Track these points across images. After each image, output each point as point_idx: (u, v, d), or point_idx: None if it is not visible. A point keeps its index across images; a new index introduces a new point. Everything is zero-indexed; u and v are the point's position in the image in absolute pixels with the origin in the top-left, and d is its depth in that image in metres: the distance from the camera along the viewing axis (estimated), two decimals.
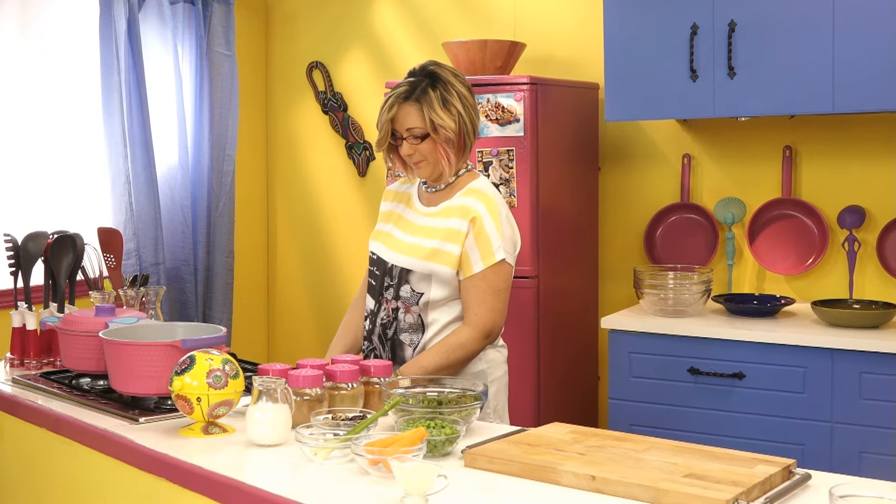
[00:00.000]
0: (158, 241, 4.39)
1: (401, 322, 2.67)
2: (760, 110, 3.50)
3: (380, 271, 2.72)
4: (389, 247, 2.72)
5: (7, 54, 4.06)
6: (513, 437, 2.13)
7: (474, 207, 2.61)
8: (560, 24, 4.29)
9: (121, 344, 2.37)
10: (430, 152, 2.63)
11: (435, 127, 2.59)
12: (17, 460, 2.72)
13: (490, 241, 2.60)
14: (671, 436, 3.09)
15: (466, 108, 2.64)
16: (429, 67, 2.68)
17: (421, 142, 2.62)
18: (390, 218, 2.81)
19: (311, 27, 5.02)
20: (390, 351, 2.70)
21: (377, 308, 2.72)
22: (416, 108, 2.60)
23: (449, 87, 2.63)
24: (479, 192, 2.66)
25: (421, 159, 2.64)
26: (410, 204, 2.78)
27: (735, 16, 3.46)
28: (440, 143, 2.61)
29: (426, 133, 2.61)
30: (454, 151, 2.64)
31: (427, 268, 2.62)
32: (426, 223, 2.69)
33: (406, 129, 2.63)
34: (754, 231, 3.87)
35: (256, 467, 2.05)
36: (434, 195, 2.73)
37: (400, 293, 2.66)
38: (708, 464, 1.93)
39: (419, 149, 2.62)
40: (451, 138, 2.61)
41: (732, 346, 3.37)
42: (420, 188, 2.79)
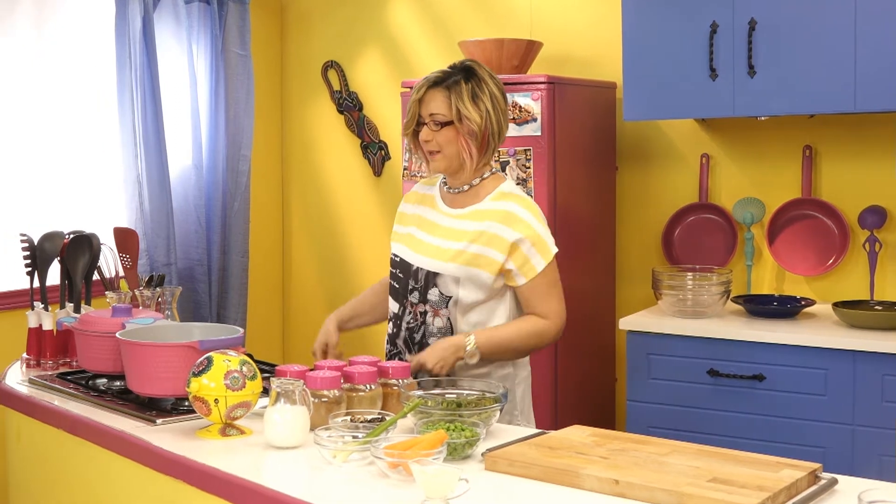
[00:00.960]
0: (170, 242, 4.38)
1: (429, 326, 2.62)
2: (781, 109, 3.46)
3: (403, 274, 2.68)
4: (414, 249, 2.68)
5: (22, 53, 4.06)
6: (533, 440, 2.11)
7: (522, 216, 2.58)
8: (577, 23, 4.26)
9: (138, 345, 2.36)
10: (448, 143, 2.58)
11: (460, 116, 2.55)
12: (33, 461, 2.71)
13: (544, 240, 2.61)
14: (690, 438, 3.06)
15: (496, 108, 2.60)
16: (467, 63, 2.65)
17: (441, 129, 2.57)
18: (413, 220, 2.75)
19: (326, 26, 5.00)
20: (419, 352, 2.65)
21: (401, 311, 2.68)
22: (444, 95, 2.57)
23: (482, 83, 2.60)
24: (517, 196, 2.63)
25: (437, 149, 2.59)
26: (433, 205, 2.73)
27: (755, 14, 3.42)
28: (463, 135, 2.56)
29: (449, 121, 2.56)
30: (476, 146, 2.59)
31: (458, 271, 2.57)
32: (453, 225, 2.64)
33: (429, 114, 2.59)
34: (774, 231, 3.84)
35: (274, 470, 2.03)
36: (457, 196, 2.68)
37: (428, 296, 2.61)
38: (732, 468, 1.90)
39: (437, 137, 2.58)
40: (475, 131, 2.57)
41: (752, 348, 3.33)
42: (441, 189, 2.74)
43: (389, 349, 2.74)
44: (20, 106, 4.06)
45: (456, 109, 2.55)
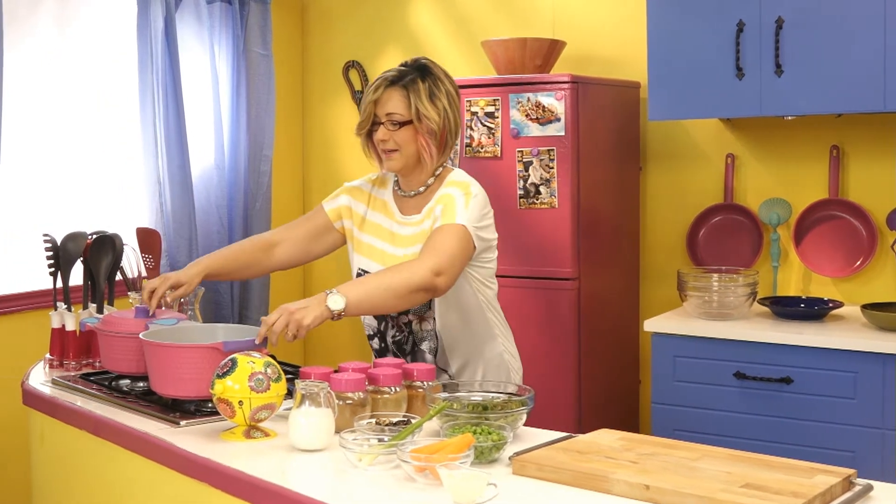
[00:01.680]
0: (192, 242, 4.37)
1: (417, 333, 2.64)
2: (809, 109, 3.42)
3: None
4: (382, 262, 2.65)
5: (45, 54, 4.05)
6: (561, 443, 2.08)
7: (449, 192, 2.57)
8: (600, 22, 4.23)
9: (161, 346, 2.34)
10: (407, 142, 2.56)
11: (419, 116, 2.53)
12: (56, 462, 2.70)
13: (455, 209, 2.52)
14: (716, 441, 3.04)
15: (452, 107, 2.59)
16: (421, 61, 2.64)
17: (399, 129, 2.55)
18: (371, 228, 2.72)
19: (347, 26, 4.99)
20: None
21: (383, 327, 2.67)
22: (402, 94, 2.55)
23: (438, 82, 2.58)
24: (455, 182, 2.60)
25: (394, 148, 2.57)
26: (389, 213, 2.70)
27: (782, 12, 3.38)
28: (422, 134, 2.55)
29: (407, 120, 2.54)
30: (436, 145, 2.58)
31: None
32: (415, 231, 2.63)
33: (386, 114, 2.56)
34: (800, 232, 3.79)
35: (300, 473, 2.01)
36: (413, 200, 2.67)
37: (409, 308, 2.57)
38: (765, 473, 1.87)
39: (395, 136, 2.55)
40: (435, 130, 2.55)
41: (780, 351, 3.29)
42: (396, 195, 2.71)
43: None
44: (42, 106, 4.06)
45: (415, 109, 2.53)
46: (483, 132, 3.82)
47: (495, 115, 3.79)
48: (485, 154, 3.83)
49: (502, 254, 3.79)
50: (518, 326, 3.79)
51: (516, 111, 3.75)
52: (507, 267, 3.82)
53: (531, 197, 3.75)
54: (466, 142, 3.87)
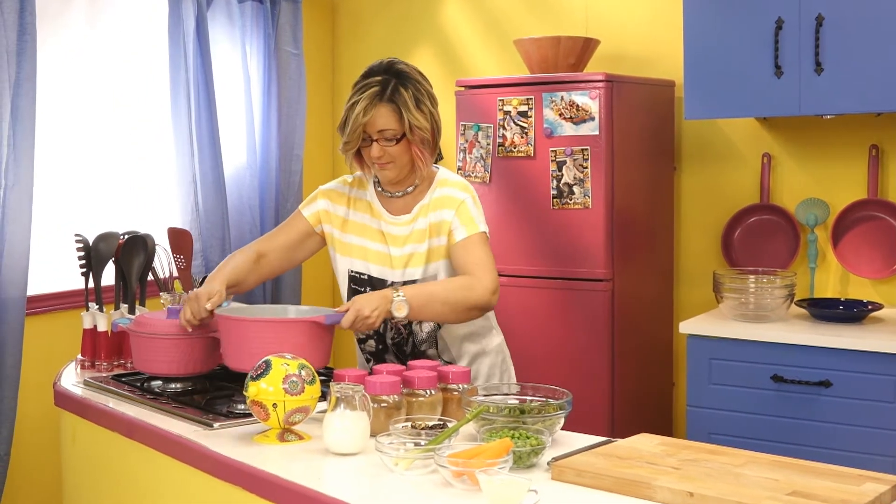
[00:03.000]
0: (225, 242, 4.36)
1: (417, 334, 2.63)
2: (850, 108, 3.36)
3: (375, 290, 2.57)
4: (379, 263, 2.64)
5: (76, 54, 4.05)
6: (600, 448, 2.04)
7: (457, 195, 2.59)
8: (634, 20, 4.18)
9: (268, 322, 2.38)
10: (401, 154, 2.54)
11: (412, 128, 2.50)
12: (88, 464, 2.69)
13: (470, 213, 2.57)
14: (753, 445, 2.99)
15: (434, 106, 2.57)
16: (396, 65, 2.58)
17: (395, 144, 2.52)
18: (356, 229, 2.69)
19: (378, 25, 4.96)
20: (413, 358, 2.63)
21: (382, 329, 2.64)
22: (392, 110, 2.50)
23: (419, 85, 2.54)
24: (452, 182, 2.63)
25: (389, 161, 2.54)
26: (375, 213, 2.68)
27: (822, 10, 3.32)
28: (416, 144, 2.53)
29: (401, 135, 2.51)
30: (429, 151, 2.58)
31: (436, 268, 2.59)
32: (408, 231, 2.62)
33: (378, 131, 2.51)
34: (838, 233, 3.73)
35: (335, 477, 1.98)
36: (401, 200, 2.65)
37: None
38: (811, 480, 1.82)
39: (389, 151, 2.53)
40: (427, 138, 2.54)
41: (818, 353, 3.23)
42: (379, 195, 2.69)
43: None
44: (74, 106, 4.06)
45: (408, 123, 2.50)
46: (516, 131, 3.78)
47: (528, 115, 3.75)
48: (518, 154, 3.79)
49: (535, 254, 3.78)
50: (551, 328, 3.76)
51: (550, 110, 3.70)
52: (539, 268, 3.78)
53: (564, 197, 3.70)
54: (499, 141, 3.83)
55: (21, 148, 3.57)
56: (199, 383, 2.61)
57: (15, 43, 3.55)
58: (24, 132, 3.58)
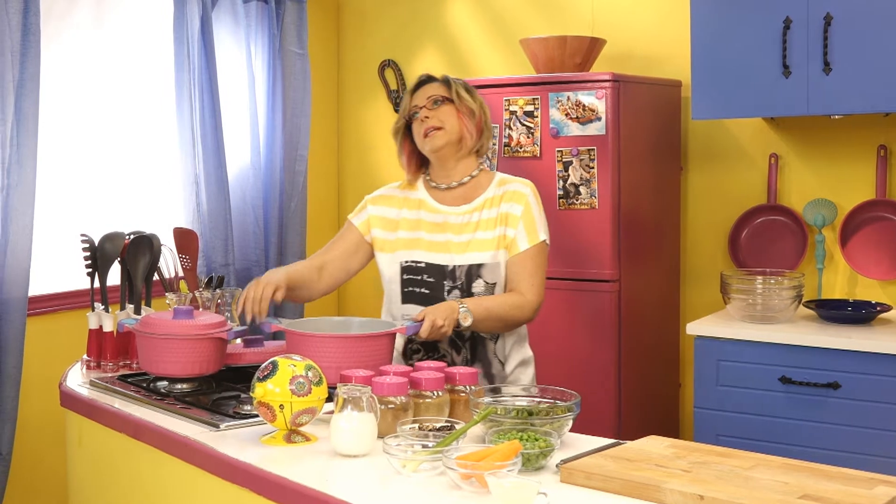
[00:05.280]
0: (228, 242, 4.35)
1: None
2: (858, 108, 3.34)
3: (434, 277, 2.67)
4: (440, 250, 2.69)
5: (81, 55, 4.05)
6: (609, 451, 2.02)
7: (523, 191, 2.68)
8: (640, 20, 4.17)
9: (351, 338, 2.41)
10: (448, 117, 2.66)
11: (459, 96, 2.67)
12: (94, 465, 2.67)
13: (535, 222, 2.66)
14: (761, 447, 2.98)
15: (483, 110, 2.73)
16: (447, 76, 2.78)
17: (439, 106, 2.66)
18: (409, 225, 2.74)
19: (383, 25, 4.95)
20: (470, 351, 2.67)
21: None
22: (441, 83, 2.71)
23: (471, 89, 2.73)
24: (518, 181, 2.73)
25: (439, 125, 2.65)
26: (428, 207, 2.75)
27: (831, 9, 3.30)
28: (464, 115, 2.67)
29: (447, 97, 2.67)
30: (475, 130, 2.69)
31: (501, 256, 2.65)
32: (469, 219, 2.69)
33: (427, 97, 2.68)
34: (846, 234, 3.71)
35: (342, 479, 1.97)
36: (455, 191, 2.73)
37: (472, 290, 2.64)
38: (822, 484, 1.81)
39: (437, 113, 2.66)
40: (473, 111, 2.68)
41: (826, 355, 3.22)
42: (430, 189, 2.76)
43: (427, 356, 2.70)
44: (79, 106, 4.05)
45: (455, 91, 2.68)
46: (522, 132, 3.77)
47: (534, 115, 3.74)
48: (524, 154, 3.78)
49: None
50: (557, 328, 3.75)
51: (556, 110, 3.69)
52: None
53: (571, 197, 3.69)
54: (505, 141, 3.82)
55: (24, 148, 3.56)
56: (205, 384, 2.60)
57: (19, 43, 3.54)
58: (27, 132, 3.57)
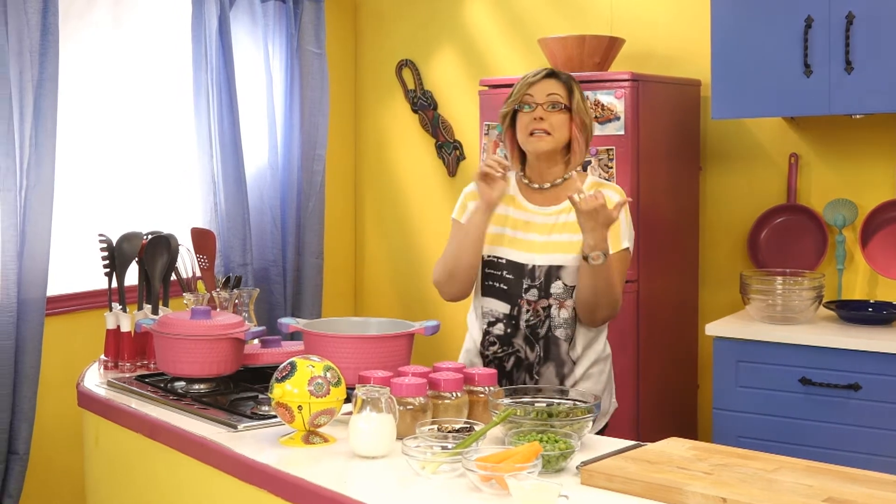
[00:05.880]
0: (246, 242, 4.35)
1: (555, 318, 2.64)
2: (880, 107, 3.31)
3: (513, 274, 2.67)
4: (521, 249, 2.68)
5: (99, 55, 4.05)
6: (630, 452, 2.01)
7: (613, 199, 2.62)
8: (659, 19, 4.14)
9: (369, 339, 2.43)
10: (560, 127, 2.64)
11: (576, 107, 2.65)
12: (111, 465, 2.67)
13: (620, 228, 2.66)
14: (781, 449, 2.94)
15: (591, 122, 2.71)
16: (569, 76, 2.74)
17: (556, 112, 2.63)
18: (498, 220, 2.72)
19: (400, 24, 4.94)
20: (543, 349, 2.66)
21: (515, 311, 2.67)
22: (563, 84, 2.66)
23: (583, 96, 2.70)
24: (610, 186, 2.72)
25: (549, 130, 2.63)
26: (518, 205, 2.74)
27: (853, 7, 3.27)
28: (577, 124, 2.65)
29: (565, 105, 2.64)
30: (584, 140, 2.68)
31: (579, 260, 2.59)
32: (556, 220, 2.68)
33: (547, 95, 2.64)
34: (867, 234, 3.68)
35: (361, 480, 1.96)
36: (543, 193, 2.72)
37: (551, 290, 2.63)
38: (847, 487, 1.79)
39: (551, 118, 2.63)
40: (586, 125, 2.67)
41: (847, 356, 3.19)
42: (523, 188, 2.75)
43: (502, 350, 2.69)
44: (98, 106, 4.06)
45: (576, 100, 2.65)
46: None
47: None
48: None
49: None
50: None
51: None
52: None
53: None
54: None
55: (42, 148, 3.57)
56: (223, 384, 2.59)
57: (38, 42, 3.54)
58: (45, 132, 3.57)
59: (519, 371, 2.66)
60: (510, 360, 2.67)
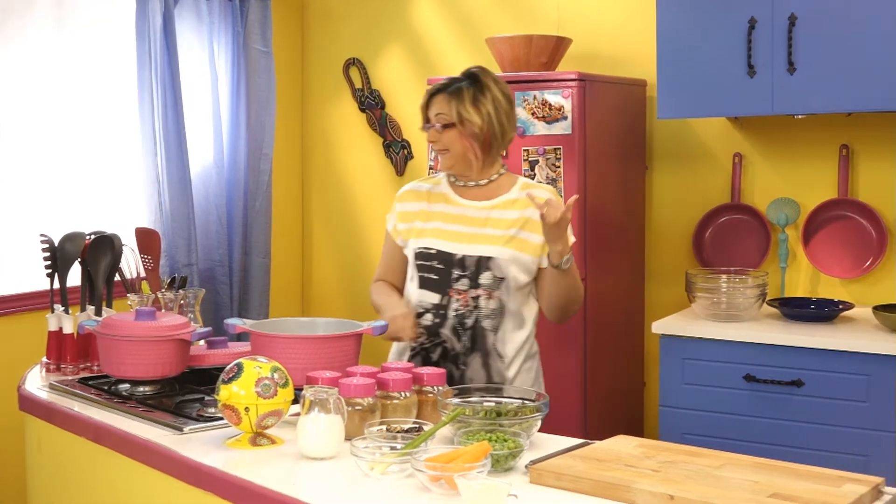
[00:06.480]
0: (191, 242, 4.30)
1: (482, 309, 2.67)
2: (822, 107, 3.36)
3: (444, 264, 2.72)
4: (451, 240, 2.74)
5: (42, 52, 3.98)
6: (578, 451, 2.02)
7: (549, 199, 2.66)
8: (605, 19, 4.17)
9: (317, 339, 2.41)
10: (453, 143, 2.70)
11: (462, 119, 2.68)
12: (54, 470, 2.63)
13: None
14: (726, 445, 2.99)
15: (498, 112, 2.72)
16: (472, 70, 2.78)
17: (445, 130, 2.70)
18: (426, 216, 2.80)
19: (348, 23, 4.92)
20: (470, 340, 2.68)
21: (445, 301, 2.70)
22: (447, 99, 2.72)
23: (485, 89, 2.72)
24: (541, 187, 2.78)
25: (443, 149, 2.73)
26: (449, 200, 2.81)
27: (795, 9, 3.32)
28: (466, 136, 2.69)
29: (452, 122, 2.69)
30: (480, 147, 2.71)
31: (510, 254, 2.67)
32: (488, 214, 2.73)
33: (435, 115, 2.73)
34: (809, 233, 3.74)
35: (310, 482, 1.95)
36: (474, 190, 2.78)
37: (480, 281, 2.68)
38: (792, 482, 1.81)
39: (442, 138, 2.71)
40: (477, 133, 2.69)
41: (790, 353, 3.23)
42: (452, 186, 2.82)
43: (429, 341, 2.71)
44: (39, 105, 3.99)
45: (457, 112, 2.69)
46: None
47: None
48: None
49: None
50: None
51: (522, 109, 3.68)
52: None
53: None
54: None
55: None
56: (168, 386, 2.56)
57: None
58: None
59: (445, 362, 2.68)
60: (437, 351, 2.70)
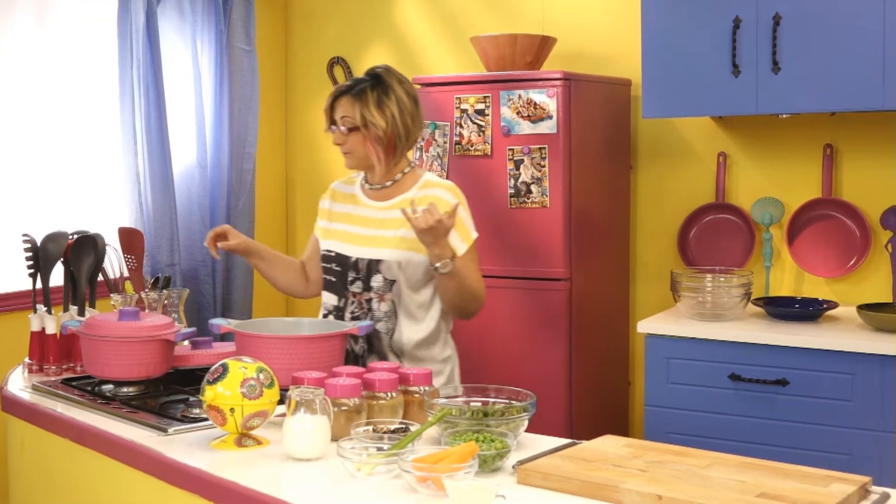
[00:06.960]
0: (174, 242, 4.28)
1: (375, 311, 2.71)
2: (807, 107, 3.37)
3: (341, 267, 2.77)
4: (349, 242, 2.79)
5: (23, 50, 3.95)
6: (566, 451, 2.01)
7: (445, 198, 2.71)
8: (590, 19, 4.17)
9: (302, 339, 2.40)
10: (356, 145, 2.73)
11: (365, 123, 2.70)
12: (37, 472, 2.60)
13: (464, 222, 2.73)
14: (711, 444, 2.99)
15: (403, 113, 2.73)
16: (377, 70, 2.78)
17: (350, 133, 2.72)
18: (341, 217, 2.85)
19: (332, 21, 4.90)
20: (366, 342, 2.72)
21: (342, 303, 2.77)
22: (351, 102, 2.72)
23: (389, 90, 2.73)
24: (441, 184, 2.79)
25: (348, 151, 2.75)
26: (357, 202, 2.85)
27: (780, 8, 3.33)
28: (370, 140, 2.71)
29: (356, 125, 2.71)
30: (383, 150, 2.73)
31: (400, 256, 2.69)
32: (385, 216, 2.76)
33: (340, 118, 2.74)
34: (793, 232, 3.75)
35: (296, 483, 1.93)
36: (380, 192, 2.81)
37: (371, 284, 2.71)
38: (779, 482, 1.81)
39: (347, 140, 2.73)
40: (381, 136, 2.71)
41: (775, 352, 3.24)
42: (363, 187, 2.87)
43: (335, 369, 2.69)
44: (21, 104, 3.96)
45: (361, 116, 2.70)
46: (473, 130, 3.75)
47: (485, 113, 3.72)
48: (475, 152, 3.76)
49: (493, 253, 3.75)
50: (508, 327, 3.74)
51: (507, 108, 3.68)
52: (497, 267, 3.75)
53: (522, 196, 3.68)
54: (456, 139, 3.80)
55: None
56: (152, 387, 2.54)
57: None
58: None
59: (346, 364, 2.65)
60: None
